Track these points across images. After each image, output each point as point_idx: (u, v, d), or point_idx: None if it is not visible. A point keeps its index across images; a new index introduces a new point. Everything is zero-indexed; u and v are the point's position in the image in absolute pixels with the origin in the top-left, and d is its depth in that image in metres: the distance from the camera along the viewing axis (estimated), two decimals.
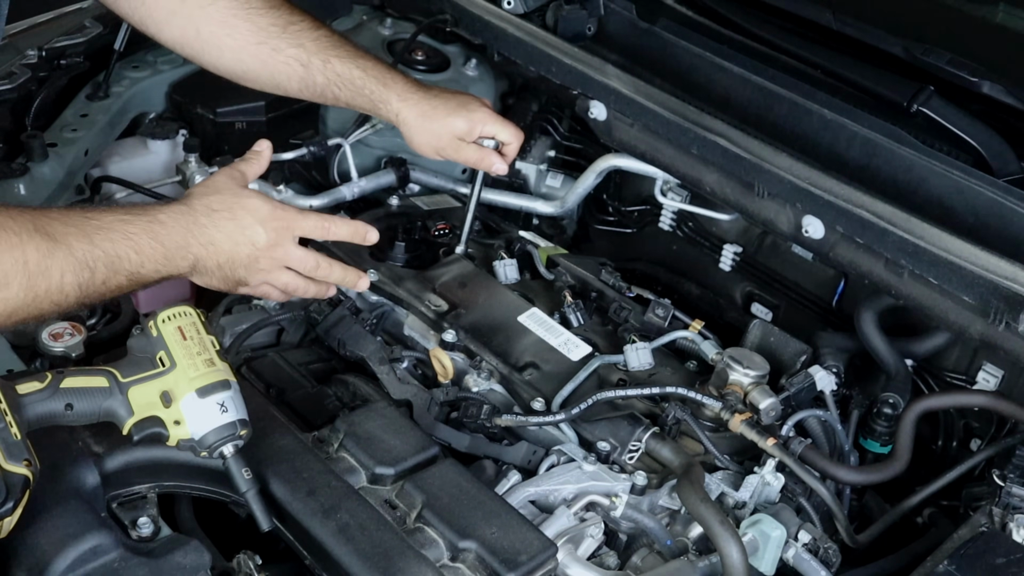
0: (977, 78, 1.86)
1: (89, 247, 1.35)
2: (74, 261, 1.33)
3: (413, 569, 1.29)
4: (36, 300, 1.31)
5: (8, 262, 1.27)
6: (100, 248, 1.36)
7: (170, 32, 1.75)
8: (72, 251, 1.34)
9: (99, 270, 1.36)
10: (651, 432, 1.59)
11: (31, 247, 1.29)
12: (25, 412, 1.24)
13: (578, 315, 1.81)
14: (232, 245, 1.50)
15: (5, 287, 1.28)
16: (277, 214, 1.53)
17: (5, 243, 1.28)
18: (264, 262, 1.53)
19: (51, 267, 1.31)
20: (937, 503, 1.65)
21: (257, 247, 1.52)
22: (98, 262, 1.36)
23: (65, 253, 1.33)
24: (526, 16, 2.10)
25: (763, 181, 1.73)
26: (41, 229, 1.32)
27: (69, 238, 1.34)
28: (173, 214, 1.46)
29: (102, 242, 1.37)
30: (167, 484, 1.41)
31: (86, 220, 1.37)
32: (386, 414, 1.51)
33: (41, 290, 1.31)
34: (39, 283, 1.30)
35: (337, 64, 1.77)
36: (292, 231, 1.55)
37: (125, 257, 1.38)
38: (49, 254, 1.31)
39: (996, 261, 1.53)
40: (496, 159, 1.82)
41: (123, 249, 1.38)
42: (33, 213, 1.34)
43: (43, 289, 1.31)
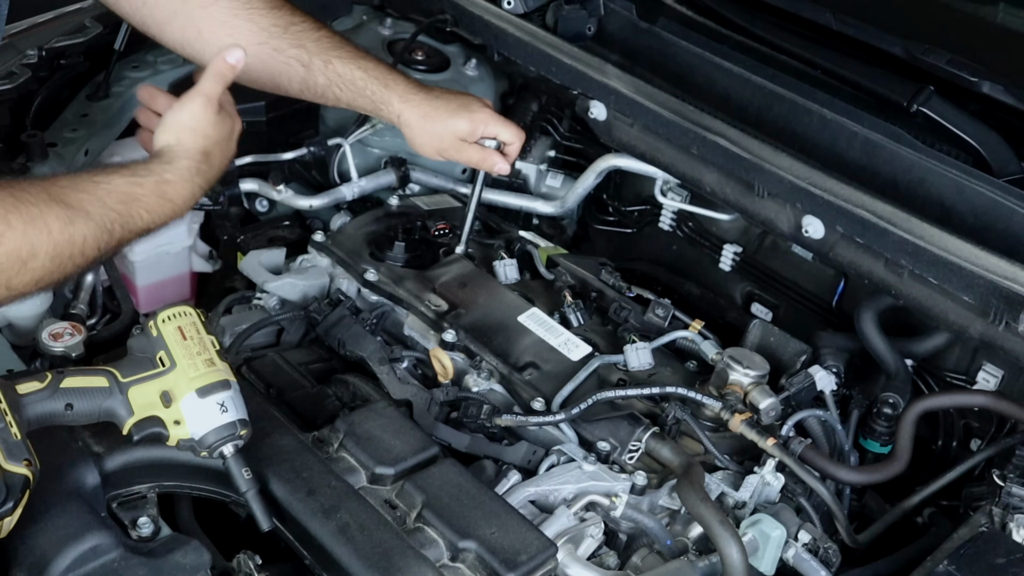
0: (977, 78, 1.86)
1: (105, 210, 1.40)
2: (93, 225, 1.38)
3: (413, 569, 1.29)
4: (61, 266, 1.35)
5: (33, 234, 1.31)
6: (115, 211, 1.41)
7: (171, 33, 1.75)
8: (90, 216, 1.38)
9: (116, 231, 1.41)
10: (651, 432, 1.59)
11: (52, 216, 1.33)
12: (25, 412, 1.24)
13: (578, 315, 1.81)
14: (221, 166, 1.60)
15: (33, 258, 1.31)
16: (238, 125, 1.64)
17: (27, 215, 1.30)
18: None
19: (74, 234, 1.35)
20: (937, 503, 1.65)
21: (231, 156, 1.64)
22: (115, 224, 1.40)
23: (84, 218, 1.37)
24: (526, 16, 2.10)
25: (763, 181, 1.73)
26: (56, 197, 1.35)
27: (84, 204, 1.38)
28: (178, 171, 1.51)
29: (116, 204, 1.41)
30: (167, 484, 1.41)
31: (95, 184, 1.41)
32: (386, 414, 1.51)
33: (65, 256, 1.35)
34: (64, 250, 1.34)
35: (338, 65, 1.77)
36: None
37: (138, 216, 1.43)
38: (70, 221, 1.35)
39: (996, 261, 1.53)
40: (498, 159, 1.82)
41: (136, 209, 1.43)
42: (44, 183, 1.37)
43: (67, 255, 1.35)
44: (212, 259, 2.12)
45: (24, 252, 1.29)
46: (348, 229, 1.97)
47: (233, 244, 2.07)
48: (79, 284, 1.88)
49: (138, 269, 1.99)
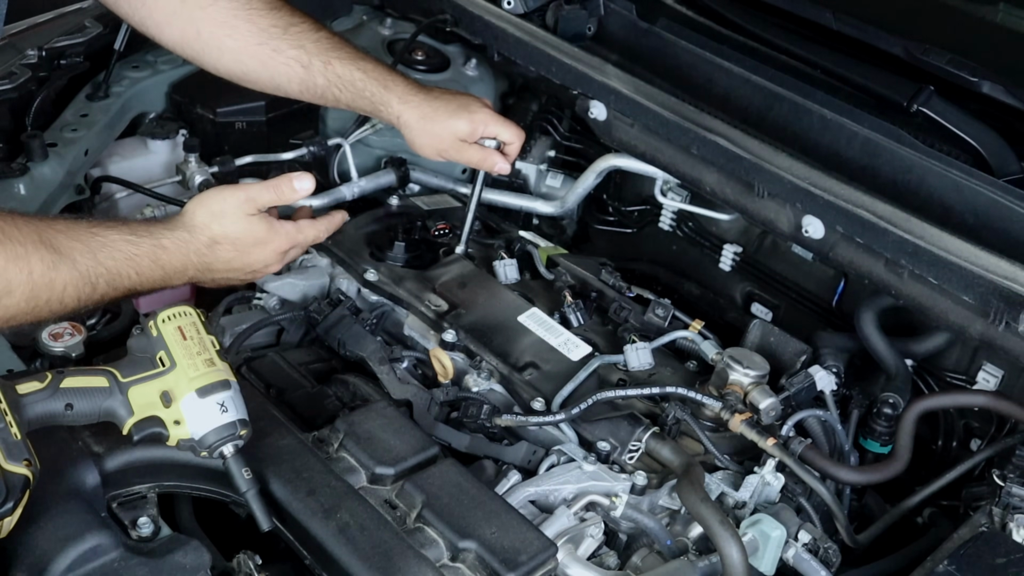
0: (977, 78, 1.87)
1: (93, 264, 1.39)
2: (77, 275, 1.37)
3: (413, 569, 1.29)
4: (36, 309, 1.34)
5: (13, 272, 1.30)
6: (103, 266, 1.40)
7: (170, 33, 1.75)
8: (76, 265, 1.37)
9: (100, 286, 1.40)
10: (651, 432, 1.59)
11: (36, 259, 1.32)
12: (25, 412, 1.24)
13: (578, 315, 1.81)
14: (228, 270, 1.57)
15: (8, 295, 1.30)
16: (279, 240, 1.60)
17: (11, 253, 1.30)
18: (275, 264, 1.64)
19: (55, 279, 1.34)
20: (937, 503, 1.65)
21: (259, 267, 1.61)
22: (100, 279, 1.39)
23: (69, 267, 1.36)
24: (526, 16, 2.10)
25: (763, 181, 1.73)
26: (47, 241, 1.34)
27: (74, 252, 1.37)
28: (176, 240, 1.50)
29: (106, 260, 1.40)
30: (167, 484, 1.41)
31: (91, 236, 1.40)
32: (386, 414, 1.51)
33: (42, 300, 1.34)
34: (42, 294, 1.33)
35: (338, 66, 1.77)
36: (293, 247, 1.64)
37: (126, 275, 1.42)
38: (54, 267, 1.34)
39: (996, 261, 1.53)
40: (499, 159, 1.82)
41: (125, 268, 1.42)
42: (38, 224, 1.36)
43: (44, 299, 1.34)
44: None
45: (0, 286, 1.29)
46: (348, 229, 1.97)
47: None
48: None
49: None
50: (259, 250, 1.59)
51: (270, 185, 1.59)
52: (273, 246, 1.60)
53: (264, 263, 1.61)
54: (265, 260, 1.61)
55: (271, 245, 1.59)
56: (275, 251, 1.61)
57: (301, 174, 1.61)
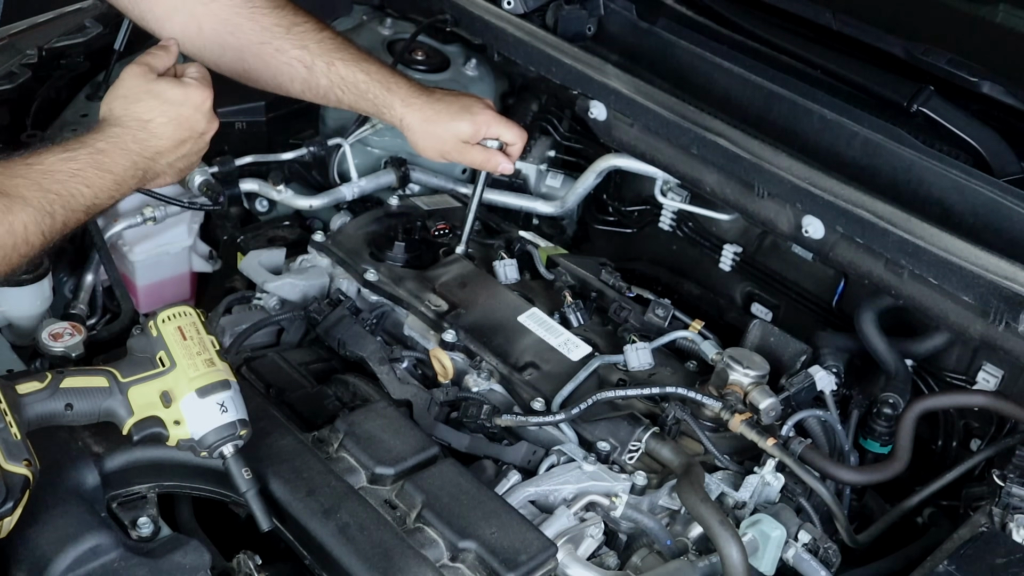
0: (977, 78, 1.87)
1: (42, 193, 1.36)
2: (32, 211, 1.34)
3: (413, 569, 1.29)
4: (6, 257, 1.32)
5: None
6: (52, 191, 1.37)
7: (171, 28, 1.74)
8: (27, 202, 1.34)
9: (57, 212, 1.37)
10: (651, 432, 1.59)
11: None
12: (25, 412, 1.24)
13: (578, 315, 1.81)
14: (178, 143, 1.53)
15: None
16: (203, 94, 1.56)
17: None
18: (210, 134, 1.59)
19: (13, 223, 1.32)
20: (937, 503, 1.65)
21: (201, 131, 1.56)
22: (54, 205, 1.36)
23: (21, 205, 1.33)
24: (526, 16, 2.10)
25: (763, 181, 1.73)
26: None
27: (20, 189, 1.34)
28: (110, 138, 1.46)
29: (52, 184, 1.37)
30: (167, 484, 1.41)
31: (28, 167, 1.37)
32: (386, 414, 1.51)
33: (9, 246, 1.32)
34: (6, 241, 1.31)
35: (341, 67, 1.76)
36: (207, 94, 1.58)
37: (78, 194, 1.39)
38: (7, 210, 1.31)
39: (996, 261, 1.53)
40: (502, 159, 1.82)
41: (74, 187, 1.39)
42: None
43: (11, 245, 1.32)
44: (212, 259, 2.12)
45: None
46: (348, 229, 1.97)
47: (233, 244, 2.07)
48: (79, 284, 1.89)
49: (138, 269, 1.99)
50: (186, 110, 1.54)
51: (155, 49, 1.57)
52: (193, 100, 1.55)
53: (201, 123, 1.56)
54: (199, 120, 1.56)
55: (191, 99, 1.55)
56: (199, 105, 1.55)
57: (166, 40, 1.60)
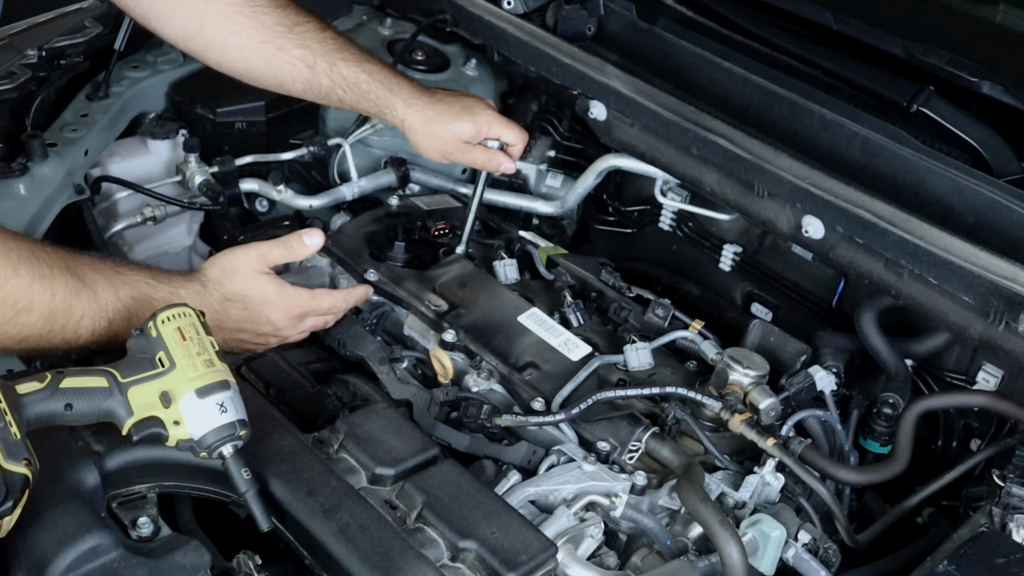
0: (977, 78, 1.87)
1: (113, 299, 1.40)
2: (96, 307, 1.38)
3: (413, 569, 1.29)
4: (51, 334, 1.36)
5: (37, 290, 1.31)
6: (122, 302, 1.41)
7: (172, 27, 1.74)
8: (96, 297, 1.39)
9: (115, 321, 1.41)
10: (651, 432, 1.59)
11: (60, 283, 1.34)
12: (25, 412, 1.24)
13: (578, 315, 1.81)
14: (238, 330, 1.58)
15: (27, 312, 1.32)
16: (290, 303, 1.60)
17: (37, 272, 1.32)
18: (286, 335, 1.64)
19: (74, 306, 1.36)
20: (937, 503, 1.65)
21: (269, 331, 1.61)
22: (117, 315, 1.41)
23: (90, 297, 1.38)
24: (526, 16, 2.10)
25: (763, 181, 1.73)
26: (72, 269, 1.36)
27: (96, 284, 1.39)
28: (191, 291, 1.51)
29: (124, 297, 1.42)
30: (167, 484, 1.41)
31: (115, 273, 1.42)
32: (386, 415, 1.51)
33: (59, 325, 1.35)
34: (59, 319, 1.35)
35: (343, 67, 1.77)
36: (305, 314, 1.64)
37: (139, 316, 1.42)
38: (75, 294, 1.36)
39: (996, 261, 1.53)
40: (504, 159, 1.82)
41: (140, 309, 1.43)
42: (66, 252, 1.39)
43: (60, 325, 1.36)
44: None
45: (21, 303, 1.30)
46: (348, 229, 1.97)
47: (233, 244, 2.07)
48: None
49: None
50: (269, 311, 1.59)
51: (280, 242, 1.60)
52: (284, 309, 1.60)
53: (275, 327, 1.61)
54: (276, 324, 1.60)
55: (281, 307, 1.59)
56: (287, 315, 1.61)
57: (311, 231, 1.62)
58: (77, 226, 1.94)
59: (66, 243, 1.47)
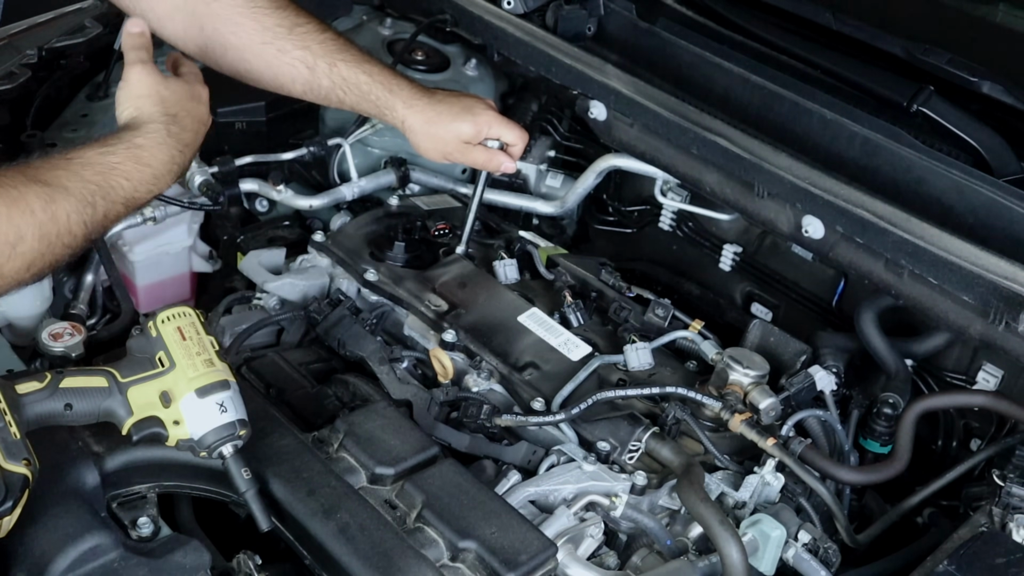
0: (977, 78, 1.87)
1: (83, 183, 1.37)
2: (74, 200, 1.35)
3: (413, 569, 1.29)
4: (50, 247, 1.33)
5: (16, 215, 1.29)
6: (92, 182, 1.38)
7: (172, 28, 1.74)
8: (69, 192, 1.35)
9: (98, 203, 1.38)
10: (651, 432, 1.59)
11: (32, 196, 1.31)
12: (25, 412, 1.24)
13: (578, 315, 1.81)
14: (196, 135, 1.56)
15: (21, 241, 1.29)
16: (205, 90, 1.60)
17: (7, 198, 1.29)
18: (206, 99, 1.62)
19: (57, 212, 1.33)
20: (937, 503, 1.65)
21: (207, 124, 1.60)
22: (95, 196, 1.38)
23: (64, 195, 1.34)
24: (526, 16, 2.10)
25: (763, 181, 1.73)
26: (33, 177, 1.33)
27: (62, 180, 1.36)
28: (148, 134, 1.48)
29: (92, 176, 1.39)
30: (167, 484, 1.41)
31: (68, 160, 1.39)
32: (386, 414, 1.51)
33: (53, 235, 1.33)
34: (50, 229, 1.32)
35: (343, 68, 1.76)
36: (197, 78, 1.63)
37: (117, 186, 1.40)
38: (50, 199, 1.33)
39: (996, 261, 1.53)
40: (504, 159, 1.82)
41: (113, 179, 1.40)
42: (18, 167, 1.35)
43: (54, 234, 1.33)
44: (212, 259, 2.12)
45: (11, 236, 1.28)
46: (348, 229, 1.97)
47: (233, 244, 2.07)
48: (79, 284, 1.88)
49: (138, 269, 1.99)
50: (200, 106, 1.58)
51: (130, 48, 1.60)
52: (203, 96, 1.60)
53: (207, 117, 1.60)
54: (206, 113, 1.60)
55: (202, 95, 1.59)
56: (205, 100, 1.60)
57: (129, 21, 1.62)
58: None
59: None
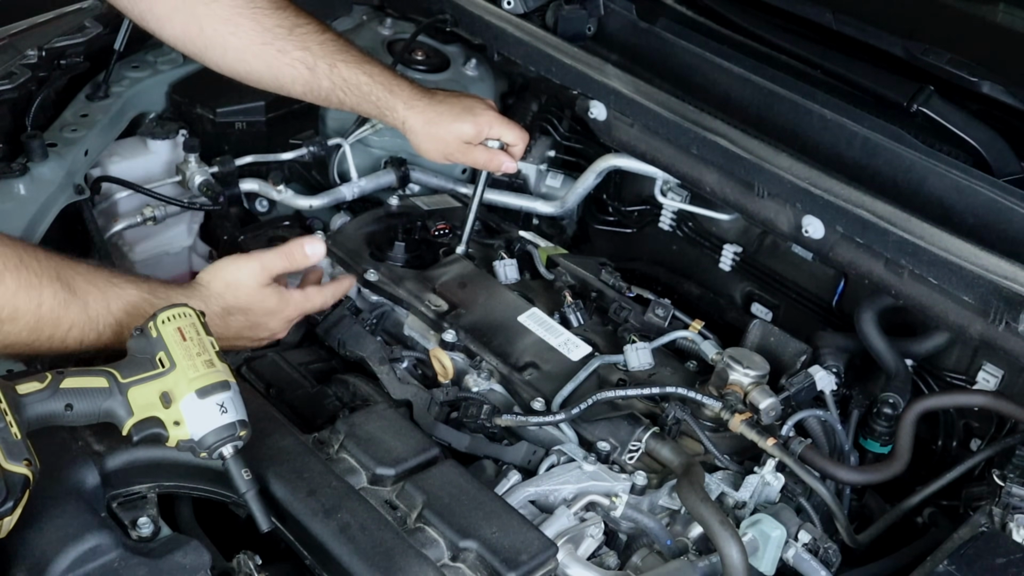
0: (977, 78, 1.87)
1: (104, 312, 1.38)
2: (86, 319, 1.36)
3: (414, 569, 1.29)
4: (37, 342, 1.34)
5: (23, 299, 1.30)
6: (114, 316, 1.39)
7: (172, 29, 1.74)
8: (87, 309, 1.36)
9: (105, 334, 1.39)
10: (651, 432, 1.59)
11: (49, 292, 1.32)
12: (25, 412, 1.24)
13: (578, 315, 1.81)
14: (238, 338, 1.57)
15: (12, 322, 1.30)
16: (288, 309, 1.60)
17: (25, 281, 1.30)
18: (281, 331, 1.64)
19: (62, 317, 1.34)
20: (937, 503, 1.65)
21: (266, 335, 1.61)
22: (108, 328, 1.39)
23: (80, 309, 1.36)
24: (526, 16, 2.10)
25: (763, 181, 1.73)
26: (64, 279, 1.34)
27: (88, 296, 1.37)
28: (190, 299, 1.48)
29: (117, 311, 1.40)
30: (167, 484, 1.41)
31: (110, 284, 1.40)
32: (386, 415, 1.51)
33: (45, 335, 1.34)
34: (45, 328, 1.33)
35: (343, 69, 1.76)
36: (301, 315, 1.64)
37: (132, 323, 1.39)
38: (65, 305, 1.34)
39: (996, 261, 1.53)
40: (505, 158, 1.83)
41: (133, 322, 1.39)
42: (59, 261, 1.36)
43: (47, 335, 1.34)
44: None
45: (5, 312, 1.29)
46: (348, 229, 1.97)
47: (233, 244, 2.07)
48: None
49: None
50: (269, 319, 1.58)
51: (282, 252, 1.58)
52: (283, 315, 1.60)
53: (271, 331, 1.61)
54: (273, 328, 1.61)
55: (281, 314, 1.59)
56: (284, 319, 1.61)
57: (312, 239, 1.61)
58: (77, 226, 1.94)
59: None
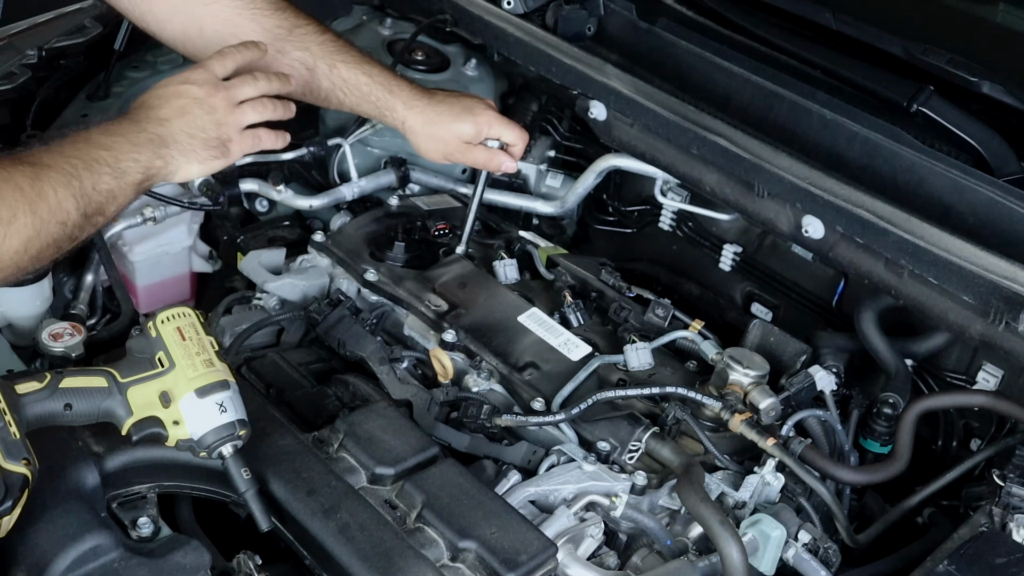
0: (977, 78, 1.87)
1: (63, 159, 1.38)
2: (58, 174, 1.36)
3: (413, 569, 1.29)
4: (44, 224, 1.34)
5: (6, 192, 1.30)
6: (75, 156, 1.39)
7: (171, 30, 1.74)
8: (52, 167, 1.37)
9: (82, 175, 1.39)
10: (651, 432, 1.59)
11: (18, 173, 1.32)
12: (24, 412, 1.24)
13: (578, 315, 1.81)
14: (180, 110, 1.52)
15: (12, 220, 1.30)
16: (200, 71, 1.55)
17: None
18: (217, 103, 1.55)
19: (43, 187, 1.34)
20: (937, 503, 1.65)
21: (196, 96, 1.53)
22: (78, 168, 1.39)
23: (47, 171, 1.36)
24: (526, 16, 2.11)
25: (763, 181, 1.73)
26: (17, 159, 1.35)
27: (43, 158, 1.37)
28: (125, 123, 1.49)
29: (71, 151, 1.40)
30: (167, 484, 1.41)
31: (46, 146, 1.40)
32: (386, 414, 1.51)
33: (44, 212, 1.33)
34: (40, 206, 1.33)
35: (343, 69, 1.76)
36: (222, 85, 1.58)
37: (99, 158, 1.41)
38: (36, 176, 1.34)
39: (996, 261, 1.53)
40: (505, 158, 1.83)
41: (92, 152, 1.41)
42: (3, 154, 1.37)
43: (45, 211, 1.34)
44: (212, 259, 2.12)
45: (4, 215, 1.29)
46: (348, 229, 1.97)
47: (233, 244, 2.07)
48: (79, 284, 1.88)
49: (138, 269, 1.99)
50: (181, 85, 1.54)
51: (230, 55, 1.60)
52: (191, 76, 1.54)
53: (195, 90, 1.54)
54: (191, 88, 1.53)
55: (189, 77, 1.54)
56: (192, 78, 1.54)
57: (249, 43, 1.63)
58: None
59: None
